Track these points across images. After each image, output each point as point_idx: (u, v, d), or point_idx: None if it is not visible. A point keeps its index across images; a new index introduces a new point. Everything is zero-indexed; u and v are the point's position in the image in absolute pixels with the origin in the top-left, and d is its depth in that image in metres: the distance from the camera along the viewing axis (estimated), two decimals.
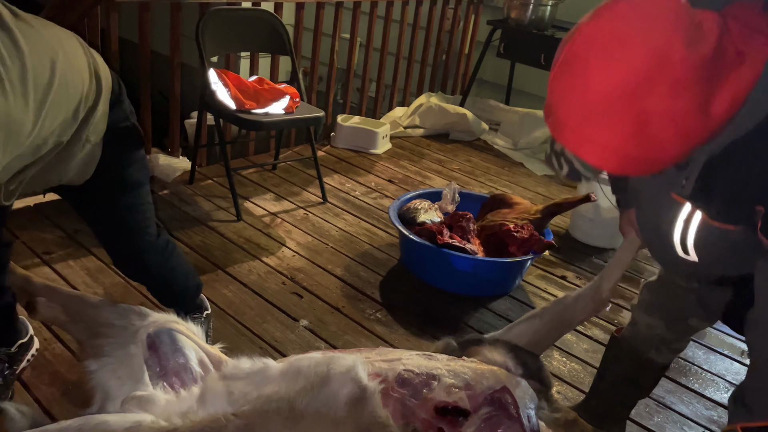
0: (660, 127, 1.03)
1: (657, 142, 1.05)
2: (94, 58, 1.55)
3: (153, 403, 1.46)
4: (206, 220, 3.04)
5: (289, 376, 1.44)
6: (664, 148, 1.06)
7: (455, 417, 1.44)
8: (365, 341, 2.31)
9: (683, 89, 1.01)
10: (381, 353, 1.59)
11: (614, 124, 1.04)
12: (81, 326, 1.67)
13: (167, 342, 1.57)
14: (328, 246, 2.95)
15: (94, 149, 1.57)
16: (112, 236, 1.81)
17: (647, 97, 1.01)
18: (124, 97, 1.67)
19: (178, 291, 2.00)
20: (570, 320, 1.78)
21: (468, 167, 4.14)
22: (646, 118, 1.02)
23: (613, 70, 1.01)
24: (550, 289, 2.83)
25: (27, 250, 2.58)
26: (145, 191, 1.79)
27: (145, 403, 1.46)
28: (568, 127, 1.10)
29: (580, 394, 2.14)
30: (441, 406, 1.44)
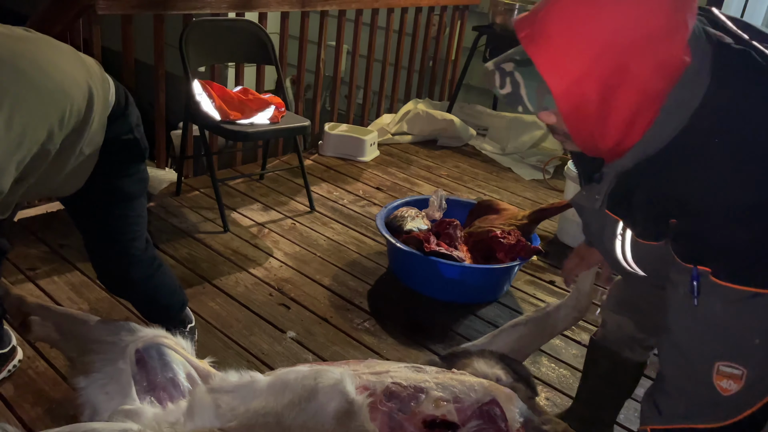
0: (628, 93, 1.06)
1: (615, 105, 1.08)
2: (91, 73, 1.54)
3: (140, 417, 1.45)
4: (193, 232, 3.03)
5: (277, 389, 1.44)
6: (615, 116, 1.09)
7: (443, 430, 1.43)
8: (353, 351, 2.30)
9: (665, 76, 1.06)
10: (369, 366, 1.59)
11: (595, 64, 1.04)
12: (72, 343, 1.67)
13: (155, 357, 1.57)
14: (315, 256, 2.95)
15: (87, 161, 1.57)
16: (99, 246, 1.80)
17: (637, 59, 1.04)
18: (131, 110, 1.68)
19: (162, 307, 1.99)
20: (553, 328, 1.79)
21: (456, 173, 4.15)
22: (622, 76, 1.05)
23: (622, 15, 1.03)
24: (538, 294, 2.84)
25: (11, 266, 2.55)
26: (139, 204, 1.79)
27: (132, 416, 1.46)
28: (549, 44, 1.07)
29: (569, 400, 2.14)
30: (429, 420, 1.44)
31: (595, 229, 1.39)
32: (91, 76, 1.53)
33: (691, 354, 1.13)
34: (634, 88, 1.07)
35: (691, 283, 1.12)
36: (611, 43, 1.04)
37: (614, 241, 1.33)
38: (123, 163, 1.69)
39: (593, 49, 1.04)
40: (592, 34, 1.04)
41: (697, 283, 1.11)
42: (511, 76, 1.12)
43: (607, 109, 1.09)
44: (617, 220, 1.29)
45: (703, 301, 1.11)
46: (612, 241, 1.34)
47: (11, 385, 1.93)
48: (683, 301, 1.14)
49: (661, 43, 1.05)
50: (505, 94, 1.13)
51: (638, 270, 1.38)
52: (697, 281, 1.11)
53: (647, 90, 1.08)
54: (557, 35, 1.06)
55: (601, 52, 1.04)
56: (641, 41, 1.04)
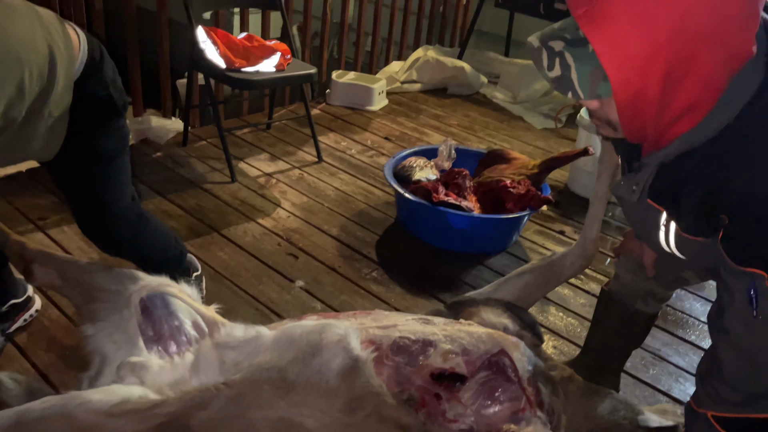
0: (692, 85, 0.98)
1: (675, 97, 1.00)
2: (51, 32, 1.45)
3: (146, 370, 1.47)
4: (201, 183, 3.01)
5: (282, 345, 1.44)
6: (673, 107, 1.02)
7: (452, 383, 1.44)
8: (361, 301, 2.31)
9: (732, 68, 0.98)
10: (376, 319, 1.59)
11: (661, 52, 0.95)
12: (77, 291, 1.67)
13: (160, 306, 1.57)
14: (323, 206, 2.93)
15: (57, 123, 1.52)
16: (83, 207, 1.76)
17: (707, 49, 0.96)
18: (105, 66, 1.60)
19: (159, 263, 1.97)
20: (558, 275, 1.78)
21: (466, 122, 4.08)
22: (689, 66, 0.97)
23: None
24: (547, 244, 2.82)
25: (21, 217, 2.56)
26: (121, 162, 1.73)
27: (138, 369, 1.47)
28: (612, 26, 0.95)
29: (576, 348, 2.15)
30: (437, 373, 1.44)
31: (637, 219, 1.31)
32: (50, 34, 1.44)
33: (755, 358, 1.08)
34: (699, 80, 0.99)
35: (749, 294, 1.05)
36: (681, 29, 0.94)
37: (658, 231, 1.25)
38: (100, 121, 1.63)
39: (661, 36, 0.94)
40: (662, 18, 0.94)
41: (755, 294, 1.04)
42: (560, 57, 1.00)
43: (666, 100, 1.00)
44: (660, 210, 1.21)
45: (762, 308, 1.04)
46: (656, 232, 1.26)
47: (25, 332, 1.96)
48: (741, 309, 1.08)
49: (735, 32, 0.96)
50: (553, 77, 1.02)
51: (683, 257, 1.32)
52: (755, 292, 1.04)
53: (712, 82, 1.00)
54: (621, 17, 0.95)
55: (669, 39, 0.94)
56: (714, 29, 0.94)
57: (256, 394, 1.35)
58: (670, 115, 1.04)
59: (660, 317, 1.82)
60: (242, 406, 1.36)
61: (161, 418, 1.32)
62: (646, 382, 2.07)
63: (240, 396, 1.36)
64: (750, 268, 1.04)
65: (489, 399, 1.44)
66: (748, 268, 1.05)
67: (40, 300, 2.04)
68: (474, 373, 1.46)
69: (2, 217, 2.49)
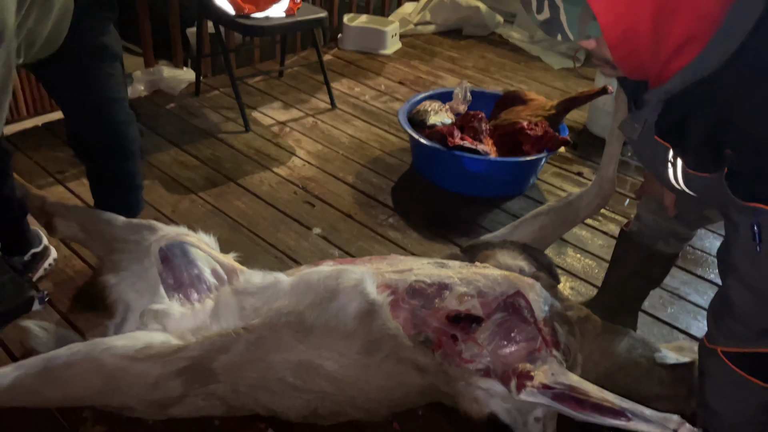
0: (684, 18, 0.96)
1: (668, 32, 0.98)
2: None
3: (169, 317, 1.50)
4: (215, 133, 3.01)
5: (299, 290, 1.46)
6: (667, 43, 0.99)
7: (468, 324, 1.46)
8: (378, 247, 2.32)
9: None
10: (392, 263, 1.60)
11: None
12: (98, 242, 1.70)
13: (179, 255, 1.60)
14: (338, 153, 2.92)
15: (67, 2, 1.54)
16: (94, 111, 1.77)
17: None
18: None
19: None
20: (575, 216, 1.76)
21: (482, 64, 3.99)
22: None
23: None
24: (565, 186, 2.79)
25: (40, 170, 2.59)
26: (120, 67, 1.79)
27: (161, 316, 1.51)
28: None
29: (593, 289, 2.15)
30: (453, 315, 1.45)
31: (646, 156, 1.29)
32: None
33: (761, 292, 1.08)
34: (693, 12, 0.96)
35: (752, 229, 1.04)
36: None
37: (666, 168, 1.24)
38: (100, 18, 1.67)
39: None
40: None
41: (758, 229, 1.03)
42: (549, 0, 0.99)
43: (659, 36, 0.98)
44: (668, 147, 1.19)
45: (766, 241, 1.04)
46: (665, 169, 1.24)
47: (50, 282, 2.01)
48: (746, 244, 1.07)
49: None
50: (543, 20, 1.01)
51: (693, 194, 1.31)
52: (758, 227, 1.03)
53: (706, 14, 0.97)
54: None
55: None
56: None
57: (275, 338, 1.38)
58: (667, 49, 1.01)
59: (680, 256, 1.80)
60: (262, 349, 1.39)
61: (184, 362, 1.36)
62: (664, 321, 2.07)
63: (260, 340, 1.39)
64: (754, 203, 1.03)
65: (505, 339, 1.45)
66: (752, 203, 1.04)
67: (55, 250, 2.08)
68: (490, 315, 1.47)
69: (22, 171, 2.52)
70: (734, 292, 1.13)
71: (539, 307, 1.50)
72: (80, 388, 1.34)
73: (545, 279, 1.64)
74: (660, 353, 1.59)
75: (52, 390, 1.33)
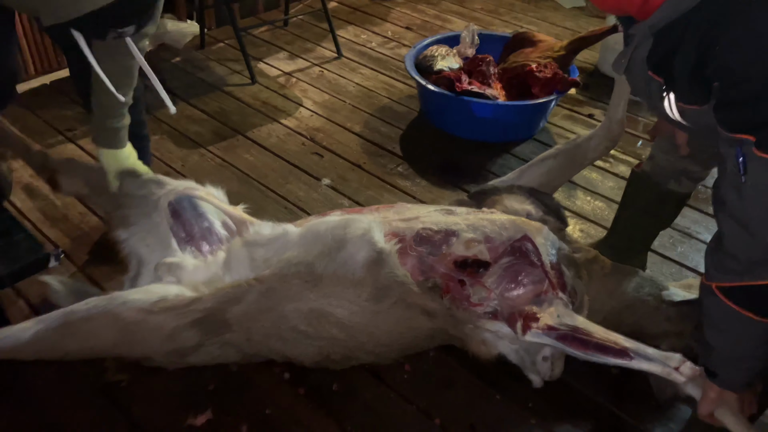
0: None
1: None
2: None
3: (182, 269, 1.54)
4: (221, 85, 2.99)
5: (308, 240, 1.48)
6: None
7: (475, 269, 1.47)
8: (388, 196, 2.33)
9: None
10: (399, 212, 1.61)
11: None
12: (104, 198, 1.72)
13: (188, 208, 1.62)
14: (345, 103, 2.90)
15: None
16: None
17: None
18: None
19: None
20: (583, 158, 1.75)
21: (491, 5, 3.88)
22: None
23: None
24: (576, 128, 2.76)
25: (50, 129, 2.61)
26: None
27: (175, 269, 1.54)
28: None
29: (603, 231, 2.15)
30: (460, 260, 1.47)
31: (642, 92, 1.29)
32: None
33: (748, 224, 1.09)
34: None
35: (737, 159, 1.05)
36: None
37: (662, 102, 1.23)
38: None
39: None
40: None
41: (743, 159, 1.04)
42: None
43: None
44: (661, 81, 1.19)
45: (751, 174, 1.05)
46: (661, 103, 1.24)
47: (67, 238, 2.05)
48: (732, 177, 1.09)
49: None
50: None
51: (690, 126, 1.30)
52: (743, 158, 1.04)
53: None
54: None
55: None
56: None
57: (286, 288, 1.41)
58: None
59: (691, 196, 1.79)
60: (273, 299, 1.42)
61: (198, 314, 1.40)
62: (673, 260, 2.07)
63: (271, 290, 1.42)
64: (739, 134, 1.04)
65: (512, 283, 1.47)
66: (737, 134, 1.04)
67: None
68: (497, 259, 1.49)
69: (31, 129, 2.54)
70: (724, 225, 1.14)
71: (546, 251, 1.51)
72: (99, 340, 1.39)
73: (553, 222, 1.65)
74: (668, 291, 1.60)
75: (73, 343, 1.38)
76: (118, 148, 1.64)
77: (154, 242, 1.59)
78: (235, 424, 1.51)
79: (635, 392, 1.60)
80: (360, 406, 1.57)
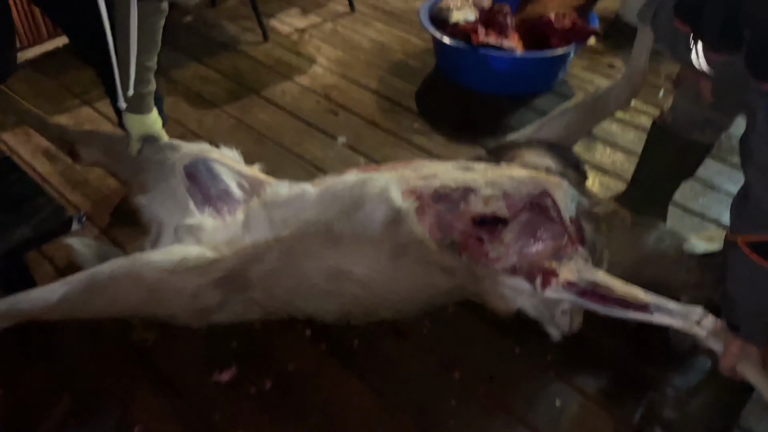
0: None
1: None
2: None
3: (202, 230, 1.55)
4: (234, 44, 2.96)
5: (326, 200, 1.48)
6: None
7: (494, 226, 1.47)
8: (404, 153, 2.31)
9: None
10: (416, 169, 1.59)
11: None
12: (122, 165, 1.74)
13: (204, 171, 1.63)
14: (360, 59, 2.85)
15: None
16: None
17: None
18: None
19: None
20: (603, 110, 1.71)
21: None
22: None
23: None
24: (596, 79, 2.69)
25: (66, 92, 2.61)
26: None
27: (195, 230, 1.56)
28: None
29: (623, 184, 2.12)
30: (479, 217, 1.46)
31: (668, 40, 1.25)
32: None
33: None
34: None
35: (766, 110, 1.02)
36: None
37: (689, 52, 1.19)
38: None
39: None
40: None
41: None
42: None
43: None
44: (688, 30, 1.14)
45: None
46: (687, 54, 1.20)
47: (89, 201, 2.08)
48: (762, 128, 1.05)
49: None
50: None
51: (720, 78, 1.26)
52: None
53: None
54: None
55: None
56: None
57: (305, 248, 1.42)
58: None
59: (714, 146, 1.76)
60: (293, 258, 1.44)
61: (220, 273, 1.41)
62: (694, 212, 2.05)
63: (291, 250, 1.43)
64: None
65: (531, 238, 1.47)
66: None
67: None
68: (516, 215, 1.48)
69: (47, 94, 2.56)
70: (752, 178, 1.12)
71: (565, 206, 1.50)
72: (124, 300, 1.42)
73: (572, 176, 1.63)
74: (689, 243, 1.59)
75: (99, 303, 1.41)
76: (145, 114, 1.64)
77: (172, 206, 1.60)
78: (259, 380, 1.55)
79: (655, 344, 1.61)
80: (381, 360, 1.60)
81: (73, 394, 1.51)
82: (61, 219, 1.53)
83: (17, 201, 1.57)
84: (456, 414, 1.48)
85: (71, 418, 1.45)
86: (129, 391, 1.52)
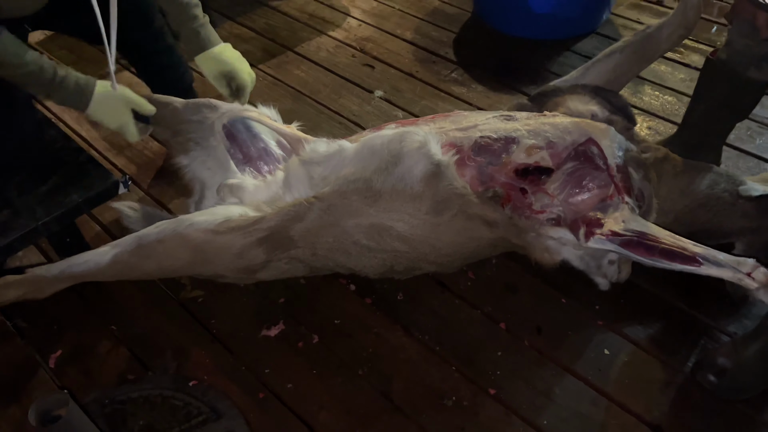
0: None
1: None
2: None
3: (243, 190, 1.56)
4: (267, 0, 2.92)
5: (364, 156, 1.46)
6: None
7: (537, 176, 1.43)
8: (443, 104, 2.27)
9: None
10: (456, 121, 1.56)
11: None
12: (162, 127, 1.74)
13: (242, 130, 1.62)
14: (394, 9, 2.78)
15: None
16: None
17: None
18: None
19: None
20: (655, 50, 1.63)
21: None
22: None
23: None
24: (643, 18, 2.56)
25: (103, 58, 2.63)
26: None
27: (236, 190, 1.57)
28: None
29: (673, 127, 2.04)
30: (521, 168, 1.43)
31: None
32: None
33: None
34: None
35: None
36: None
37: None
38: None
39: None
40: None
41: None
42: None
43: None
44: None
45: None
46: None
47: (133, 165, 2.12)
48: None
49: None
50: None
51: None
52: None
53: None
54: None
55: None
56: None
57: (345, 205, 1.42)
58: None
59: None
60: (334, 216, 1.44)
61: (263, 232, 1.43)
62: (750, 153, 1.95)
63: (331, 207, 1.43)
64: None
65: (576, 188, 1.43)
66: None
67: None
68: (560, 165, 1.44)
69: (88, 59, 2.58)
70: None
71: (612, 153, 1.45)
72: (172, 260, 1.45)
73: (620, 122, 1.57)
74: (745, 186, 1.52)
75: (148, 264, 1.44)
76: (208, 48, 1.62)
77: (214, 165, 1.62)
78: (306, 334, 1.58)
79: (707, 289, 1.56)
80: (426, 312, 1.61)
81: (129, 350, 1.57)
82: (107, 183, 1.56)
83: (65, 167, 1.60)
84: (503, 364, 1.49)
85: (129, 374, 1.52)
86: (182, 348, 1.57)
